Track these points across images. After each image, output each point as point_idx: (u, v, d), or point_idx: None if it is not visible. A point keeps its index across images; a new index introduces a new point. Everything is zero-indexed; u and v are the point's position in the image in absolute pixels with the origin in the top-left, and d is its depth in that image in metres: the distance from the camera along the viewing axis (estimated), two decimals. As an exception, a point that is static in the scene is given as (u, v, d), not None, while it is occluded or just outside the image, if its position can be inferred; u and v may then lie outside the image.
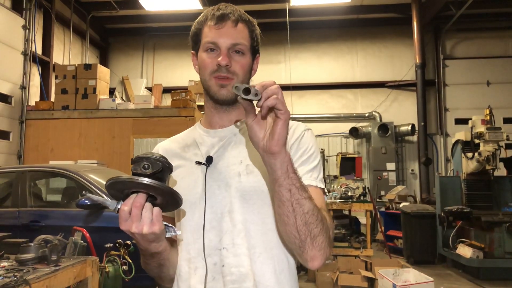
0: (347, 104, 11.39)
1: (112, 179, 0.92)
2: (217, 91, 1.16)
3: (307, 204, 0.97)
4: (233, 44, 1.14)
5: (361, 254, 5.62)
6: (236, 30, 1.16)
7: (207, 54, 1.16)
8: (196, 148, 1.22)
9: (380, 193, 9.92)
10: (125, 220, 0.93)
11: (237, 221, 1.10)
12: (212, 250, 1.10)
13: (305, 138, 1.18)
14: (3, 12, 7.52)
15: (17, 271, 2.21)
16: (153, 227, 0.93)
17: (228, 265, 1.09)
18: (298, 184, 0.96)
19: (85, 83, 7.49)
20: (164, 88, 11.01)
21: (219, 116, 1.23)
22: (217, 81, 1.15)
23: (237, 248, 1.09)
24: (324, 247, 1.01)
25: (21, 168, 5.20)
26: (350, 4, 10.16)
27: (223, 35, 1.14)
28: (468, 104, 10.66)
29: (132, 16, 10.96)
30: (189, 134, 1.30)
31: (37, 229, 4.11)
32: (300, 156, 1.15)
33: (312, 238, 0.98)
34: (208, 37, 1.16)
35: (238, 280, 1.07)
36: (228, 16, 1.15)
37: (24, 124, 7.64)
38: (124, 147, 7.20)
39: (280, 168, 0.95)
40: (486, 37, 11.02)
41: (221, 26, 1.15)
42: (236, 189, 1.12)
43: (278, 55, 11.48)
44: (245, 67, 1.17)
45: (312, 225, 0.98)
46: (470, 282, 5.81)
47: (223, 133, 1.22)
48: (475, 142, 6.55)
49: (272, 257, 1.11)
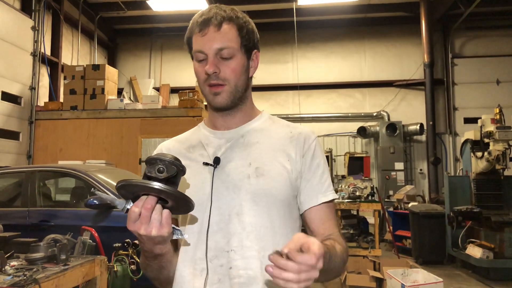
0: (355, 104, 11.34)
1: (125, 181, 0.90)
2: (212, 100, 1.16)
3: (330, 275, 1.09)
4: (218, 49, 1.11)
5: (369, 254, 5.59)
6: (220, 34, 1.12)
7: (198, 63, 1.16)
8: (202, 149, 1.21)
9: (389, 193, 9.86)
10: (133, 221, 0.92)
11: (247, 224, 1.09)
12: (219, 252, 1.09)
13: (317, 149, 1.21)
14: (13, 13, 7.59)
15: (26, 270, 2.23)
16: (162, 230, 0.92)
17: (236, 267, 1.08)
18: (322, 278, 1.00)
19: (94, 84, 7.54)
20: (171, 88, 11.04)
21: (223, 119, 1.22)
22: (210, 89, 1.14)
23: (245, 250, 1.08)
24: (338, 274, 1.13)
25: (31, 168, 5.24)
26: (357, 3, 10.12)
27: (207, 42, 1.12)
28: (477, 103, 10.57)
29: (139, 16, 11.01)
30: (193, 134, 1.29)
31: (46, 229, 4.13)
32: (315, 170, 1.19)
33: (329, 278, 1.13)
34: (195, 45, 1.15)
35: (246, 283, 1.07)
36: (210, 20, 1.12)
37: (34, 124, 7.72)
38: (132, 147, 7.23)
39: None
40: (496, 35, 10.91)
41: (204, 33, 1.12)
42: (246, 191, 1.11)
43: (285, 54, 11.46)
44: (237, 70, 1.14)
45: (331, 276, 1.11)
46: (479, 282, 5.76)
47: (229, 134, 1.21)
48: (485, 141, 6.49)
49: None
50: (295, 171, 1.16)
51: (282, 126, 1.25)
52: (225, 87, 1.13)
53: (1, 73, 7.21)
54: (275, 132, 1.22)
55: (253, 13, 1.21)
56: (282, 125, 1.26)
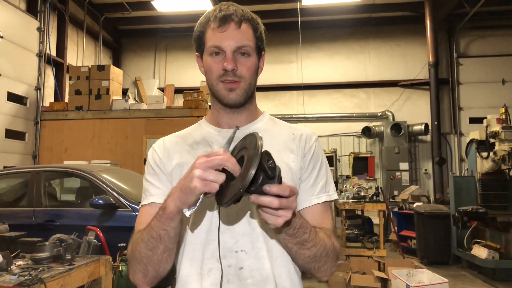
0: (359, 104, 11.31)
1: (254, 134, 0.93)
2: (226, 96, 1.14)
3: (308, 252, 1.03)
4: (238, 47, 1.12)
5: (374, 254, 5.58)
6: (240, 32, 1.12)
7: (212, 58, 1.14)
8: (207, 146, 1.20)
9: (393, 193, 9.83)
10: (202, 160, 0.87)
11: (256, 224, 1.10)
12: (227, 252, 1.08)
13: (317, 150, 1.21)
14: (18, 14, 7.64)
15: (32, 270, 2.24)
16: (209, 188, 0.87)
17: (248, 267, 1.07)
18: (294, 241, 1.00)
19: (98, 84, 7.56)
20: (176, 89, 11.06)
21: (229, 117, 1.21)
22: (225, 85, 1.13)
23: (257, 251, 1.08)
24: (330, 269, 1.10)
25: (36, 168, 5.26)
26: (362, 2, 10.10)
27: (227, 38, 1.11)
28: (483, 103, 10.52)
29: (144, 17, 11.05)
30: (195, 131, 1.27)
31: (52, 229, 4.15)
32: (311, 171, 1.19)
33: (316, 268, 1.08)
34: (212, 40, 1.13)
35: (259, 283, 1.07)
36: (231, 17, 1.12)
37: (39, 124, 7.76)
38: (137, 147, 7.25)
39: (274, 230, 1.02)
40: (501, 35, 10.85)
41: (224, 29, 1.11)
42: None
43: (290, 54, 11.46)
44: (251, 69, 1.15)
45: (315, 263, 1.07)
46: (485, 283, 5.72)
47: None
48: (490, 141, 6.45)
49: (287, 260, 1.11)
50: (298, 171, 1.17)
51: (284, 127, 1.25)
52: (240, 84, 1.14)
53: (7, 74, 7.25)
54: (278, 133, 1.23)
55: (257, 13, 1.21)
56: (284, 126, 1.26)
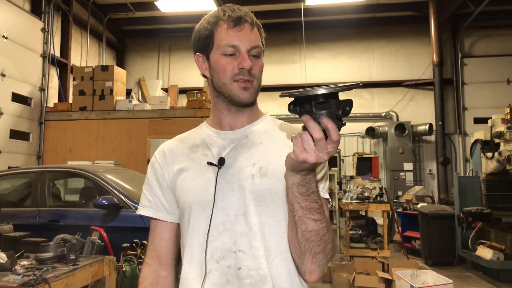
0: (363, 104, 11.28)
1: None
2: (240, 94, 1.15)
3: (311, 224, 0.99)
4: (252, 47, 1.15)
5: (378, 255, 5.57)
6: (254, 32, 1.16)
7: (225, 57, 1.15)
8: (205, 149, 1.21)
9: (397, 193, 9.80)
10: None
11: (253, 224, 1.09)
12: (226, 252, 1.09)
13: None
14: (23, 15, 7.67)
15: (36, 270, 2.25)
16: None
17: (246, 267, 1.08)
18: (303, 204, 0.98)
19: (102, 85, 7.58)
20: (180, 89, 11.07)
21: (232, 117, 1.22)
22: (240, 84, 1.14)
23: (254, 250, 1.08)
24: (323, 264, 1.05)
25: (40, 168, 5.27)
26: (366, 2, 10.08)
27: (243, 38, 1.14)
28: (487, 103, 10.47)
29: (148, 17, 11.07)
30: (195, 134, 1.29)
31: (56, 229, 4.16)
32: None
33: (312, 254, 1.02)
34: (226, 40, 1.14)
35: (257, 283, 1.07)
36: (244, 19, 1.15)
37: (43, 125, 7.79)
38: (141, 148, 7.27)
39: (288, 180, 0.98)
40: (506, 35, 10.79)
41: (240, 29, 1.14)
42: (250, 191, 1.11)
43: (293, 54, 11.45)
44: (261, 69, 1.19)
45: (314, 243, 1.01)
46: (490, 284, 5.70)
47: (234, 135, 1.21)
48: (495, 141, 6.43)
49: (286, 260, 1.10)
50: None
51: (285, 128, 1.25)
52: (254, 83, 1.16)
53: (12, 75, 7.28)
54: (279, 134, 1.23)
55: (261, 14, 1.20)
56: (285, 127, 1.26)
